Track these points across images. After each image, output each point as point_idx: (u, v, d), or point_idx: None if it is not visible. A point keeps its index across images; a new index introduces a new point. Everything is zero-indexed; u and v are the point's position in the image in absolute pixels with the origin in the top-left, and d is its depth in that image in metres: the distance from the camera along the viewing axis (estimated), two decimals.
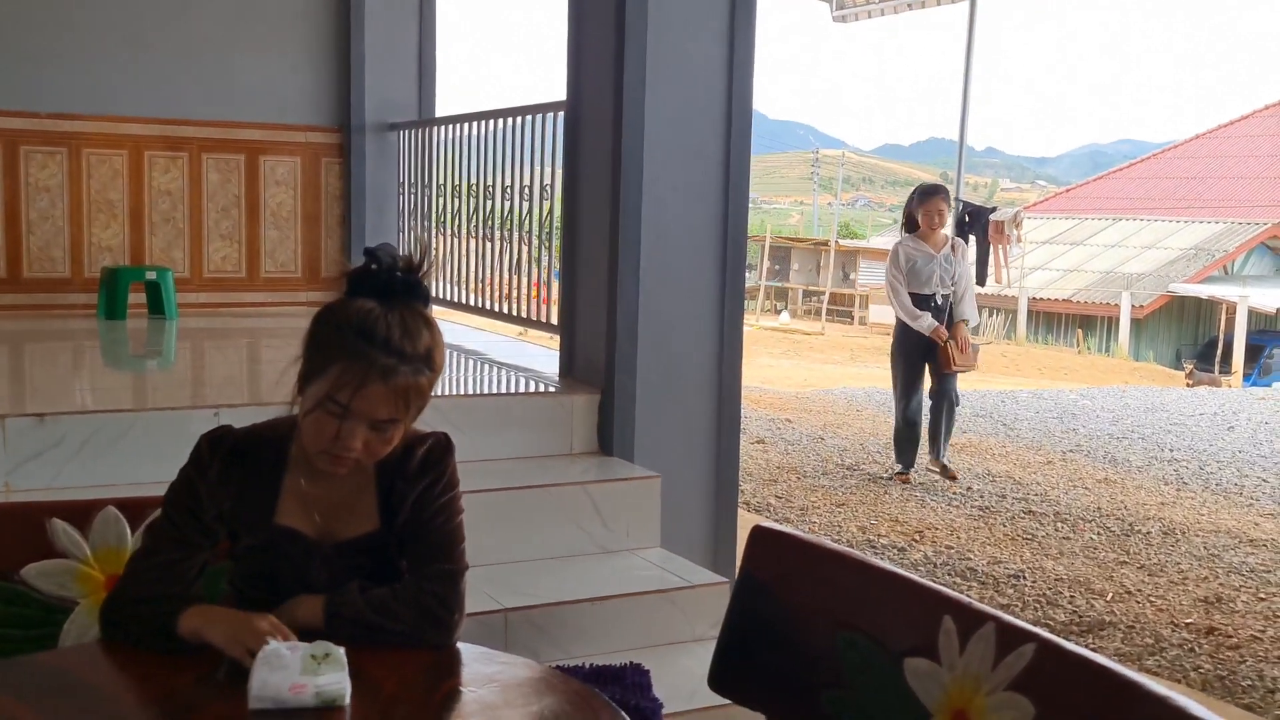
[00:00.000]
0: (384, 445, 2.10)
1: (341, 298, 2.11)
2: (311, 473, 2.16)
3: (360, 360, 2.02)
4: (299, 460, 2.17)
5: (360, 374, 2.02)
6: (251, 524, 2.18)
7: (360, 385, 2.02)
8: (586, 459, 4.41)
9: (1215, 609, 6.01)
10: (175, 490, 2.18)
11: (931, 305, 8.18)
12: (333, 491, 2.19)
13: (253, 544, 2.19)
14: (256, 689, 1.85)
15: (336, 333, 2.06)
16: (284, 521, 2.18)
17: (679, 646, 3.72)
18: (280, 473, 2.18)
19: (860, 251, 37.36)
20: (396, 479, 2.19)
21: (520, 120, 5.49)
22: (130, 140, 6.63)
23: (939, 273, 8.17)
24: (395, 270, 2.10)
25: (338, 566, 2.18)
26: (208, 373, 5.47)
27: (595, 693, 2.06)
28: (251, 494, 2.17)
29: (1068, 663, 1.89)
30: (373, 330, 2.04)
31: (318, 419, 2.05)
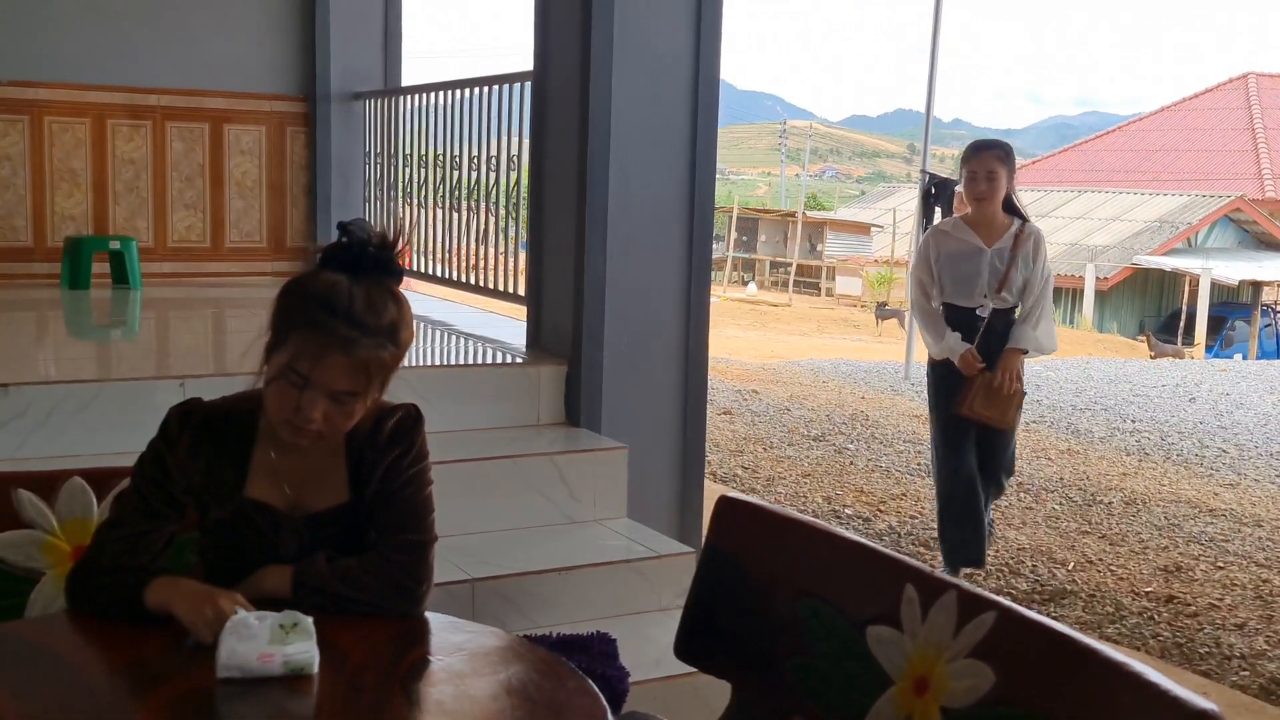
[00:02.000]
0: (345, 419, 2.10)
1: (310, 269, 2.11)
2: (281, 445, 2.16)
3: (321, 331, 2.02)
4: (268, 433, 2.16)
5: (321, 345, 2.02)
6: (221, 497, 2.18)
7: (320, 356, 2.02)
8: (553, 430, 4.42)
9: (1175, 578, 6.09)
10: (143, 462, 2.17)
11: (972, 323, 5.33)
12: (302, 464, 2.19)
13: (222, 517, 2.19)
14: (224, 658, 1.86)
15: (300, 303, 2.06)
16: (253, 494, 2.18)
17: (645, 616, 3.74)
18: (249, 445, 2.18)
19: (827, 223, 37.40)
20: (366, 450, 2.19)
21: (487, 90, 5.47)
22: (93, 108, 6.56)
23: (986, 275, 5.29)
24: (368, 245, 2.10)
25: (307, 539, 2.18)
26: (172, 343, 5.45)
27: (562, 661, 2.08)
28: (221, 467, 2.17)
29: (1027, 630, 1.91)
30: (335, 302, 2.04)
31: (279, 388, 2.05)
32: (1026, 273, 5.27)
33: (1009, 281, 5.25)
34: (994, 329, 5.31)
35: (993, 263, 5.28)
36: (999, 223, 5.32)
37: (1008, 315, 5.34)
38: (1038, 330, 5.30)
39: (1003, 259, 5.26)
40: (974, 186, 5.28)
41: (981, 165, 5.25)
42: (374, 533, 2.22)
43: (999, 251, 5.28)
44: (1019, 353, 5.30)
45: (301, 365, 2.03)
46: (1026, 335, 5.30)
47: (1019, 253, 5.26)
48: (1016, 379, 5.25)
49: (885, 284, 30.13)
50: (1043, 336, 5.33)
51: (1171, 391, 13.41)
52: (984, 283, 5.29)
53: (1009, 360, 5.27)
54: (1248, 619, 5.47)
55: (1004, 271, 5.25)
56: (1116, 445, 9.86)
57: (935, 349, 5.41)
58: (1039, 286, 5.29)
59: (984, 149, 5.32)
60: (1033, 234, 5.31)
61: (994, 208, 5.29)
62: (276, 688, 1.86)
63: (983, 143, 5.40)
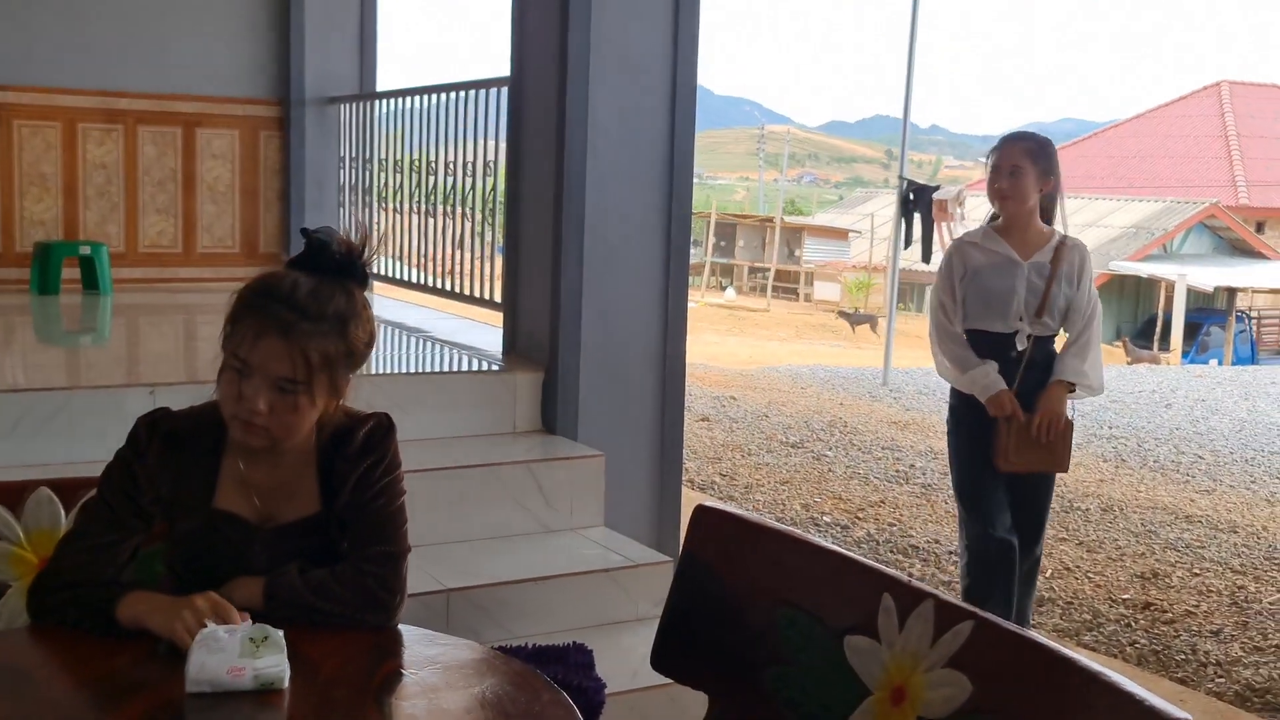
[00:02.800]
0: (291, 414, 2.07)
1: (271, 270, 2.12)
2: (250, 456, 2.14)
3: (259, 313, 2.03)
4: (238, 443, 2.14)
5: (258, 327, 2.02)
6: (189, 508, 2.15)
7: (257, 339, 2.02)
8: (530, 437, 4.39)
9: (1151, 584, 6.10)
10: (111, 472, 2.15)
11: (1007, 352, 4.30)
12: (273, 474, 2.17)
13: (190, 528, 2.16)
14: (194, 672, 1.84)
15: (247, 293, 2.07)
16: (223, 505, 2.16)
17: (622, 626, 3.71)
18: (219, 456, 2.16)
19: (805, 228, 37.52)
20: (337, 460, 2.17)
21: (463, 95, 5.44)
22: (64, 112, 6.50)
23: (1022, 293, 4.26)
24: (329, 248, 2.09)
25: (278, 550, 2.16)
26: (143, 349, 5.40)
27: (536, 673, 2.06)
28: (189, 477, 2.15)
29: (1004, 640, 1.91)
30: (276, 288, 2.06)
31: (226, 381, 2.06)
32: (1070, 293, 4.28)
33: (1050, 302, 4.23)
34: (1035, 361, 4.26)
35: (1030, 279, 4.24)
36: (1036, 232, 4.31)
37: (1047, 345, 4.34)
38: (1085, 363, 4.28)
39: (1042, 274, 4.24)
40: (994, 182, 4.30)
41: (1005, 158, 4.28)
42: (346, 544, 2.19)
43: (1037, 266, 4.25)
44: (1065, 387, 4.25)
45: (241, 350, 2.03)
46: (1073, 367, 4.26)
47: (1060, 269, 4.24)
48: (1058, 420, 4.22)
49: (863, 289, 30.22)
50: (1091, 371, 4.30)
51: (1148, 397, 13.47)
52: (1021, 302, 4.24)
53: (1052, 398, 4.22)
54: (1224, 625, 5.49)
55: (1044, 289, 4.22)
56: (1093, 451, 9.89)
57: (962, 381, 4.34)
58: (1086, 310, 4.29)
59: (1010, 141, 4.36)
60: (1076, 248, 4.32)
61: (1022, 211, 4.27)
62: (247, 702, 1.84)
63: (1012, 134, 4.45)
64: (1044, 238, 4.31)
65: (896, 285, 14.82)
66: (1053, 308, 4.24)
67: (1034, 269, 4.25)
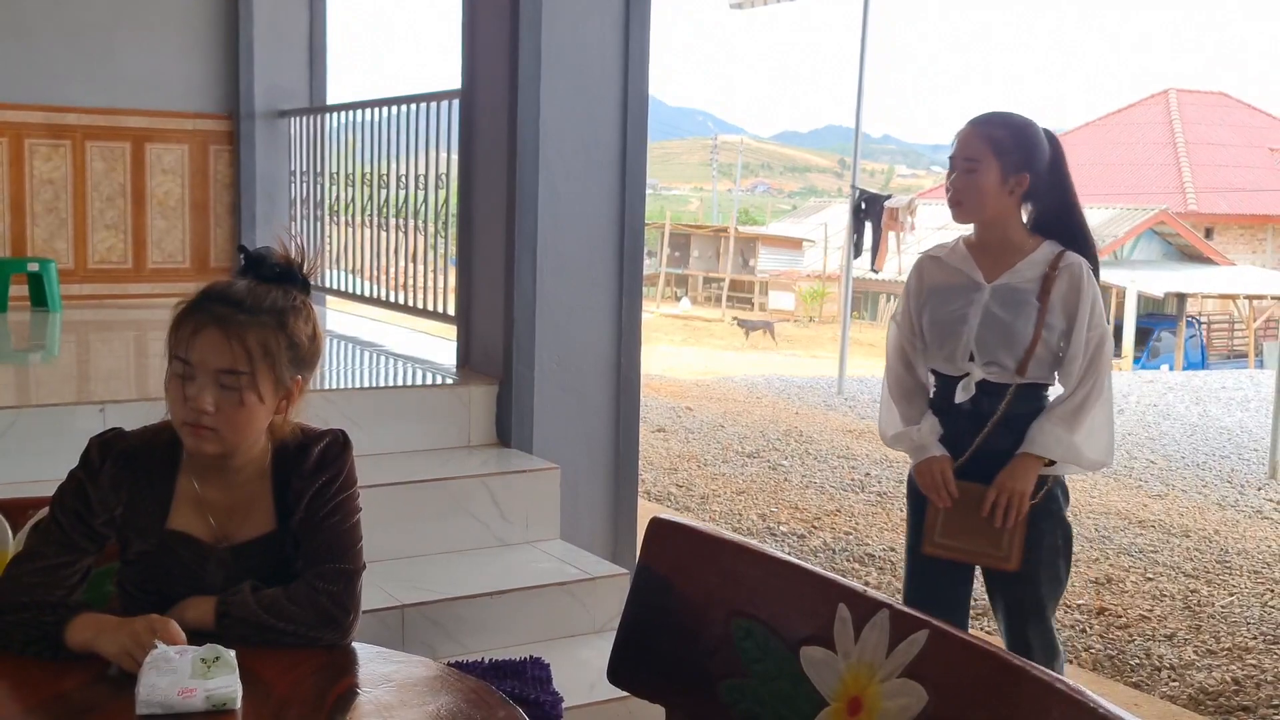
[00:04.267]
0: (239, 410, 2.06)
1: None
2: (205, 475, 2.13)
3: (195, 313, 2.06)
4: (192, 463, 2.13)
5: (196, 324, 2.04)
6: (143, 529, 2.13)
7: (194, 334, 2.04)
8: (485, 451, 4.37)
9: (1106, 589, 6.15)
10: (63, 493, 2.13)
11: (960, 403, 3.20)
12: (227, 494, 2.16)
13: (144, 549, 2.14)
14: (144, 693, 1.83)
15: (184, 302, 2.09)
16: (177, 526, 2.14)
17: (579, 639, 3.71)
18: (173, 476, 2.14)
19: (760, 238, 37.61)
20: (292, 477, 2.16)
21: (414, 108, 5.42)
22: (10, 128, 6.43)
23: (974, 325, 3.17)
24: (267, 260, 2.12)
25: (234, 570, 2.14)
26: (93, 367, 5.34)
27: (492, 690, 2.04)
28: (143, 499, 2.13)
29: (959, 649, 1.91)
30: (212, 289, 2.09)
31: (172, 388, 2.06)
32: (1061, 330, 3.12)
33: (1014, 339, 3.11)
34: (981, 413, 3.15)
35: (990, 307, 3.14)
36: (1014, 247, 3.17)
37: (1035, 398, 3.18)
38: (1077, 431, 3.09)
39: (1012, 303, 3.13)
40: (948, 184, 3.21)
41: (960, 148, 3.16)
42: (300, 561, 2.17)
43: (1005, 291, 3.14)
44: (1034, 462, 3.09)
45: (181, 349, 2.04)
46: (1052, 436, 3.08)
47: (1051, 297, 3.10)
48: (1016, 502, 3.08)
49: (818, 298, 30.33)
50: (1086, 443, 3.10)
51: None
52: (971, 336, 3.15)
53: (1014, 474, 3.08)
54: (1177, 629, 5.53)
55: (1009, 324, 3.12)
56: None
57: (891, 437, 3.34)
58: (1084, 356, 3.10)
59: (970, 126, 3.19)
60: (1068, 270, 3.10)
61: (984, 219, 3.17)
62: None
63: (976, 117, 3.22)
64: (1024, 254, 3.15)
65: (850, 294, 14.88)
66: (1013, 345, 3.11)
67: (999, 295, 3.14)
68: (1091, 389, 3.11)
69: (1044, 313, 3.10)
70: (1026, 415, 3.12)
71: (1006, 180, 3.12)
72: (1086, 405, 3.10)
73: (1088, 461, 3.16)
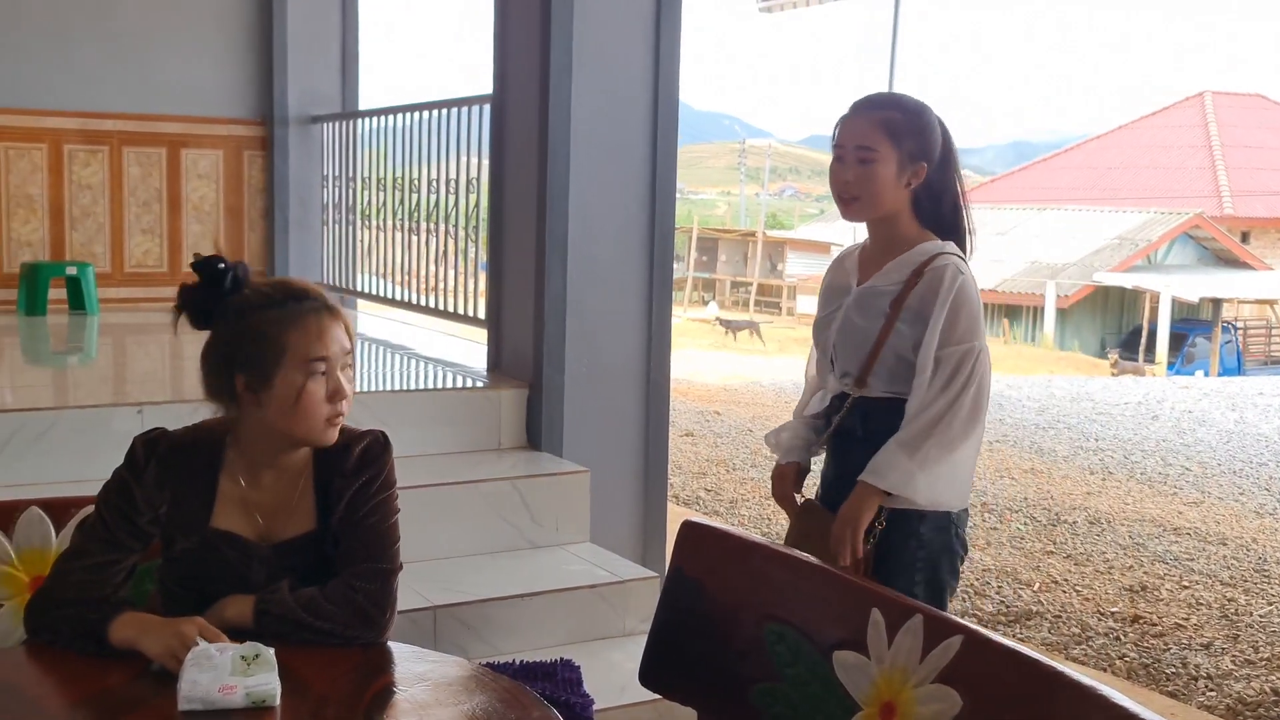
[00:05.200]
0: (352, 386, 2.16)
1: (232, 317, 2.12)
2: (248, 474, 2.16)
3: (307, 314, 2.09)
4: (235, 462, 2.16)
5: (315, 323, 2.09)
6: (187, 527, 2.16)
7: (323, 332, 2.09)
8: (515, 454, 4.38)
9: (1140, 597, 6.10)
10: (109, 491, 2.16)
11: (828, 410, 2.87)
12: (270, 493, 2.18)
13: (188, 547, 2.16)
14: (186, 690, 1.85)
15: (264, 321, 2.09)
16: (221, 524, 2.16)
17: (609, 641, 3.71)
18: (215, 475, 2.17)
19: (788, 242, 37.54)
20: (334, 476, 2.19)
21: (446, 113, 5.44)
22: (49, 134, 6.49)
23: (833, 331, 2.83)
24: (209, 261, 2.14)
25: (276, 567, 2.16)
26: (130, 369, 5.38)
27: (526, 690, 2.05)
28: (188, 497, 2.15)
29: (994, 654, 1.90)
30: (287, 291, 2.11)
31: (310, 392, 2.09)
32: (914, 340, 2.68)
33: (862, 347, 2.74)
34: (850, 434, 2.79)
35: (849, 314, 2.79)
36: (898, 245, 2.77)
37: (843, 410, 2.79)
38: (915, 457, 2.61)
39: (865, 307, 2.76)
40: (835, 174, 2.79)
41: (848, 136, 2.75)
42: (339, 560, 2.19)
43: (868, 296, 2.76)
44: (872, 494, 2.65)
45: (317, 350, 2.08)
46: (890, 464, 2.63)
47: (906, 301, 2.69)
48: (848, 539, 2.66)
49: None
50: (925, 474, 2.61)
51: (1134, 409, 13.50)
52: (829, 345, 2.84)
53: (849, 508, 2.67)
54: (1214, 638, 5.48)
55: (875, 335, 2.71)
56: (1080, 464, 9.90)
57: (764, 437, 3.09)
58: (934, 370, 2.64)
59: (858, 111, 2.77)
60: (936, 271, 2.68)
61: (877, 215, 2.77)
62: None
63: (861, 100, 2.80)
64: (901, 251, 2.75)
65: None
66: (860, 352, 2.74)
67: (860, 299, 2.78)
68: (946, 412, 2.61)
69: (893, 318, 2.69)
70: (889, 433, 2.67)
71: (903, 172, 2.72)
72: (932, 432, 2.60)
73: (924, 498, 2.62)
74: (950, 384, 2.62)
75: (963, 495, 2.70)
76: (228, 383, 2.11)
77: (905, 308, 2.68)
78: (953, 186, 2.79)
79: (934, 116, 2.78)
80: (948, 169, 2.78)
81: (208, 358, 2.15)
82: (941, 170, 2.76)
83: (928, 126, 2.75)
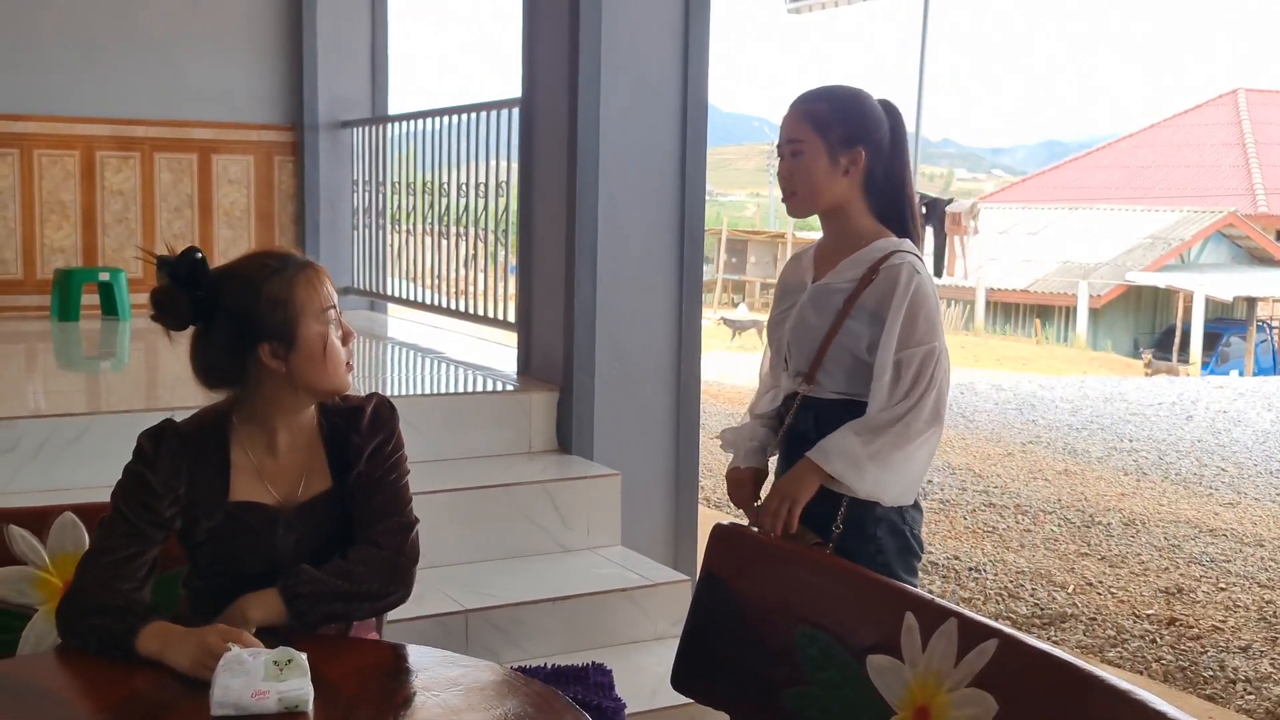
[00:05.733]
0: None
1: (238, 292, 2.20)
2: (261, 445, 2.23)
3: (305, 270, 2.21)
4: (244, 436, 2.23)
5: (315, 276, 2.21)
6: (208, 506, 2.20)
7: (320, 282, 2.21)
8: (545, 457, 4.38)
9: (1176, 599, 6.05)
10: (125, 487, 2.19)
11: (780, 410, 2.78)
12: (285, 459, 2.25)
13: (213, 525, 2.20)
14: (219, 695, 1.86)
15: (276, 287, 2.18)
16: (240, 496, 2.21)
17: (641, 645, 3.69)
18: (226, 453, 2.22)
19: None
20: (349, 435, 2.28)
21: (475, 117, 5.45)
22: (82, 140, 6.54)
23: (788, 328, 2.76)
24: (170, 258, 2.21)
25: (300, 529, 2.22)
26: (161, 374, 5.40)
27: (557, 694, 2.05)
28: (203, 476, 2.19)
29: (1030, 658, 1.89)
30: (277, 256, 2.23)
31: (332, 340, 2.21)
32: (869, 340, 2.60)
33: (812, 344, 2.68)
34: (802, 435, 2.68)
35: (804, 312, 2.72)
36: (854, 238, 2.70)
37: (794, 408, 2.71)
38: (868, 448, 2.54)
39: (819, 305, 2.69)
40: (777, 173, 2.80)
41: (783, 131, 2.75)
42: (356, 520, 2.26)
43: (822, 294, 2.70)
44: (815, 474, 2.57)
45: (326, 300, 2.20)
46: (840, 448, 2.55)
47: (860, 300, 2.62)
48: (785, 515, 2.56)
49: None
50: (875, 465, 2.54)
51: (1168, 409, 13.39)
52: (783, 344, 2.78)
53: (789, 479, 2.62)
54: (1252, 641, 5.43)
55: (825, 332, 2.65)
56: (1114, 465, 9.83)
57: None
58: (893, 373, 2.57)
59: (793, 105, 2.74)
60: (892, 270, 2.60)
61: (817, 209, 2.73)
62: None
63: (799, 95, 2.77)
64: (856, 247, 2.69)
65: None
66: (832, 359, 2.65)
67: (814, 296, 2.71)
68: (906, 414, 2.53)
69: (844, 315, 2.61)
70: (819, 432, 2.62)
71: (837, 160, 2.65)
72: (890, 429, 2.53)
73: (866, 489, 2.54)
74: (912, 389, 2.55)
75: (908, 492, 2.63)
76: (245, 359, 2.18)
77: (859, 306, 2.61)
78: (899, 176, 2.72)
79: (870, 103, 2.72)
80: (895, 158, 2.72)
81: (217, 342, 2.20)
82: (890, 159, 2.71)
83: (858, 112, 2.69)
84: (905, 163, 2.74)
